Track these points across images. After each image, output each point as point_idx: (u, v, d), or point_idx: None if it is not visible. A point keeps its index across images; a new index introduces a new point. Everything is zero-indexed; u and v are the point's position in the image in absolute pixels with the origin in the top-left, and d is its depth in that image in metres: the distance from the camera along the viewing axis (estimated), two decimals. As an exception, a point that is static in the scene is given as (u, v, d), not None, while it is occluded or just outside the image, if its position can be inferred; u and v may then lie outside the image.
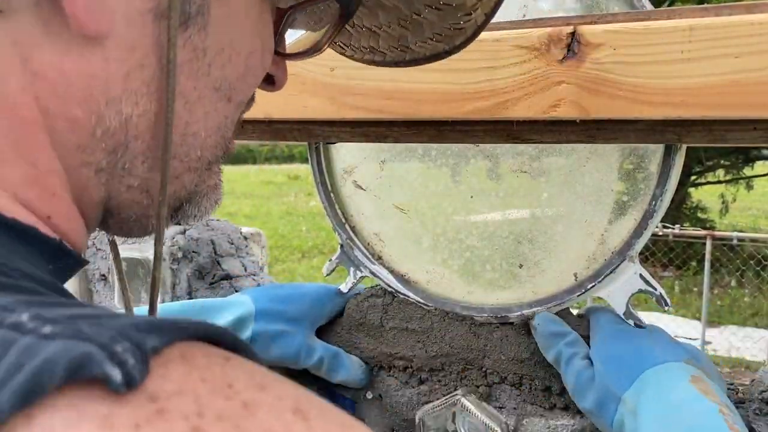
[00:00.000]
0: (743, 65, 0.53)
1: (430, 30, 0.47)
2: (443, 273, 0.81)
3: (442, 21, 0.46)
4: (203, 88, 0.34)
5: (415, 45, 0.49)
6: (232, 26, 0.35)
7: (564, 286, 0.74)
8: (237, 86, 0.36)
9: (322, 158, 0.84)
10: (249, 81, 0.38)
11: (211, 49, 0.34)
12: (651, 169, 0.69)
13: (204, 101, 0.35)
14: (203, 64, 0.34)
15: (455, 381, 0.79)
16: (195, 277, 0.96)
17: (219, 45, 0.34)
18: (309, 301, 0.81)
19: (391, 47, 0.50)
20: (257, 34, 0.37)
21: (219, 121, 0.36)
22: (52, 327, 0.22)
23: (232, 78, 0.36)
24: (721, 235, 5.08)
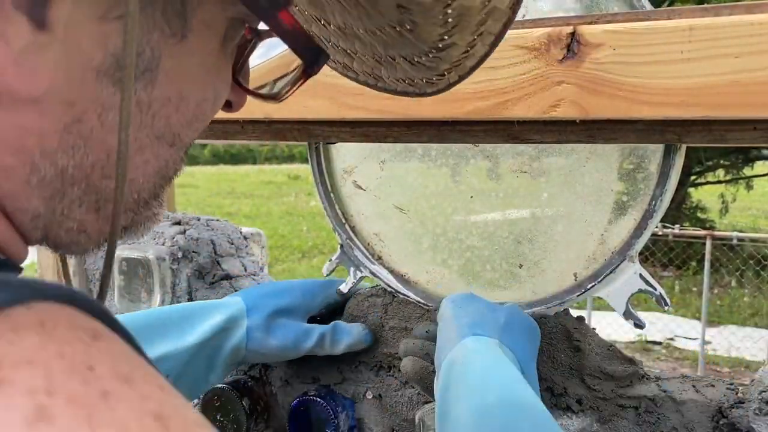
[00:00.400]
0: (743, 65, 0.53)
1: (403, 74, 0.47)
2: (443, 273, 0.81)
3: (415, 72, 0.46)
4: (144, 138, 0.35)
5: (388, 78, 0.49)
6: (182, 78, 0.35)
7: (564, 286, 0.74)
8: (182, 132, 0.37)
9: (322, 158, 0.84)
10: (196, 126, 0.38)
11: (156, 101, 0.34)
12: (651, 169, 0.69)
13: (144, 150, 0.35)
14: (146, 117, 0.34)
15: (455, 381, 0.79)
16: (195, 277, 0.96)
17: (165, 96, 0.34)
18: (299, 292, 0.81)
19: (364, 72, 0.51)
20: (210, 83, 0.37)
21: (159, 166, 0.37)
22: None
23: (177, 126, 0.36)
24: (721, 235, 5.08)
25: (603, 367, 0.71)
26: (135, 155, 0.35)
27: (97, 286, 1.05)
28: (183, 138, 0.37)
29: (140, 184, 0.36)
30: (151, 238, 0.98)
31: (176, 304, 0.78)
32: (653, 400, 0.69)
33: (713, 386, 0.69)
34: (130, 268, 0.97)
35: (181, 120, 0.36)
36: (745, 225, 10.35)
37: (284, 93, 0.43)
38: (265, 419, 0.89)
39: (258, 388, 0.90)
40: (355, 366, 0.86)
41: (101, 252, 0.37)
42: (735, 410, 0.65)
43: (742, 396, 0.67)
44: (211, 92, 0.38)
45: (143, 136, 0.34)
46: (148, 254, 0.95)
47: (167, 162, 0.37)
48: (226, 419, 0.86)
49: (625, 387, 0.71)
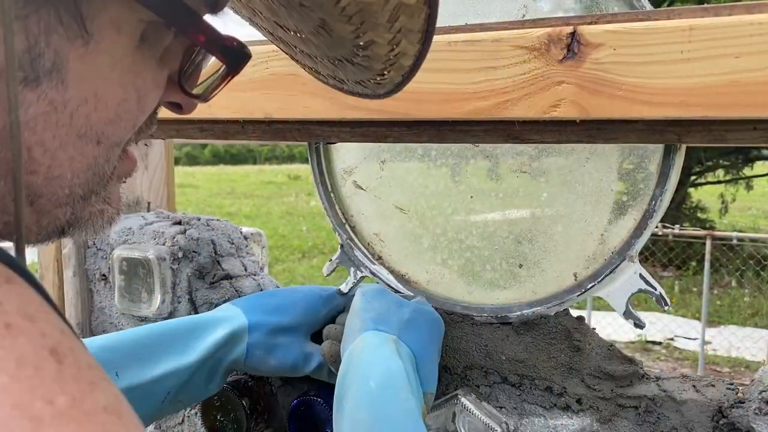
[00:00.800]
0: (743, 65, 0.53)
1: (352, 75, 0.49)
2: (443, 273, 0.81)
3: (359, 73, 0.47)
4: (64, 136, 0.36)
5: (348, 82, 0.51)
6: (95, 78, 0.36)
7: (564, 286, 0.74)
8: (107, 131, 0.38)
9: (322, 158, 0.84)
10: (122, 125, 0.39)
11: (72, 101, 0.35)
12: (651, 169, 0.69)
13: (67, 147, 0.36)
14: (63, 115, 0.35)
15: (455, 381, 0.79)
16: (195, 276, 0.96)
17: (81, 96, 0.35)
18: (302, 309, 0.81)
19: (329, 76, 0.52)
20: (129, 83, 0.38)
21: (87, 163, 0.38)
22: None
23: (99, 125, 0.37)
24: (720, 235, 5.08)
25: (603, 367, 0.71)
26: (58, 152, 0.36)
27: (98, 285, 1.05)
28: (110, 136, 0.38)
29: (69, 179, 0.37)
30: (152, 238, 0.98)
31: (179, 318, 0.78)
32: (653, 400, 0.69)
33: (713, 386, 0.69)
34: (130, 267, 0.97)
35: (102, 119, 0.37)
36: (745, 225, 10.35)
37: (210, 93, 0.45)
38: (265, 419, 0.89)
39: (258, 388, 0.90)
40: (355, 366, 0.86)
41: (102, 252, 0.37)
42: (735, 410, 0.65)
43: (742, 396, 0.67)
44: (132, 92, 0.38)
45: (63, 134, 0.35)
46: (148, 254, 0.95)
47: (96, 159, 0.38)
48: (226, 419, 0.86)
49: (625, 387, 0.71)
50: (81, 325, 1.06)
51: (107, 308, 1.04)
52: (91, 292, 1.06)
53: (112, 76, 0.37)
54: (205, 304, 0.94)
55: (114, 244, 1.01)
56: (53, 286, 1.07)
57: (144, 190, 1.14)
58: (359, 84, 0.50)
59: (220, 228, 1.02)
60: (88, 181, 0.38)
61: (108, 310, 1.04)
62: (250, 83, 0.75)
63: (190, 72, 0.43)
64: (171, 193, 1.19)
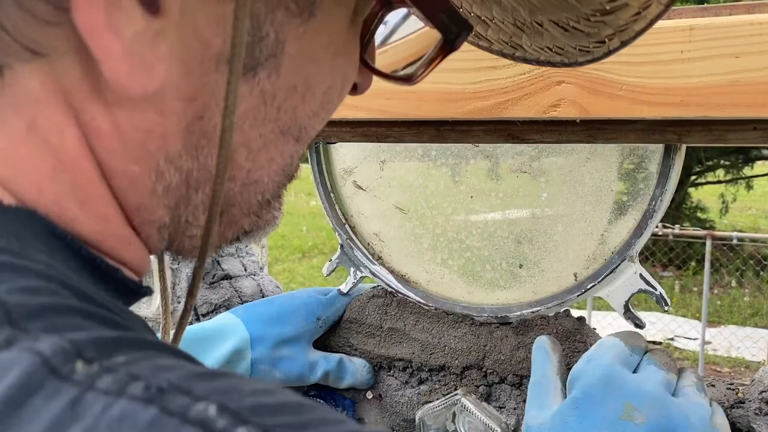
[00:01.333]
0: (743, 65, 0.53)
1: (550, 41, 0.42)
2: (443, 273, 0.81)
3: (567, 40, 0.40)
4: (269, 134, 0.31)
5: (530, 47, 0.44)
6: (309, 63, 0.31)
7: (564, 286, 0.74)
8: (308, 124, 0.33)
9: (322, 158, 0.84)
10: (322, 116, 0.34)
11: (281, 91, 0.30)
12: (651, 169, 0.69)
13: (269, 147, 0.32)
14: (271, 109, 0.30)
15: (455, 381, 0.79)
16: (195, 277, 0.96)
17: (291, 85, 0.31)
18: (303, 317, 0.80)
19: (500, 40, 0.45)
20: (339, 67, 0.33)
21: (284, 164, 0.33)
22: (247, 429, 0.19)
23: (303, 118, 0.32)
24: (721, 235, 5.08)
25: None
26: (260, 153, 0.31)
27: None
28: (309, 131, 0.34)
29: (265, 184, 0.33)
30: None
31: None
32: (653, 400, 0.69)
33: (713, 386, 0.69)
34: (130, 268, 0.97)
35: (307, 111, 0.32)
36: (745, 225, 10.35)
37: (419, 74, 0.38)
38: (265, 419, 0.89)
39: (258, 388, 0.90)
40: (355, 366, 0.86)
41: None
42: (735, 410, 0.65)
43: (742, 396, 0.67)
44: (339, 77, 0.34)
45: (268, 132, 0.31)
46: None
47: (292, 158, 0.34)
48: (226, 419, 0.86)
49: (625, 387, 0.71)
50: (81, 325, 1.06)
51: (107, 308, 1.04)
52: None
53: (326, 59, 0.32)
54: (204, 304, 0.94)
55: (114, 244, 1.01)
56: (53, 286, 1.07)
57: (144, 190, 1.14)
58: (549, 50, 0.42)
59: (220, 228, 1.02)
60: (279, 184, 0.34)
61: (108, 310, 1.04)
62: (250, 83, 0.75)
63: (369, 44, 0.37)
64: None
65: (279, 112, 0.31)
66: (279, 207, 0.37)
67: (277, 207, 0.36)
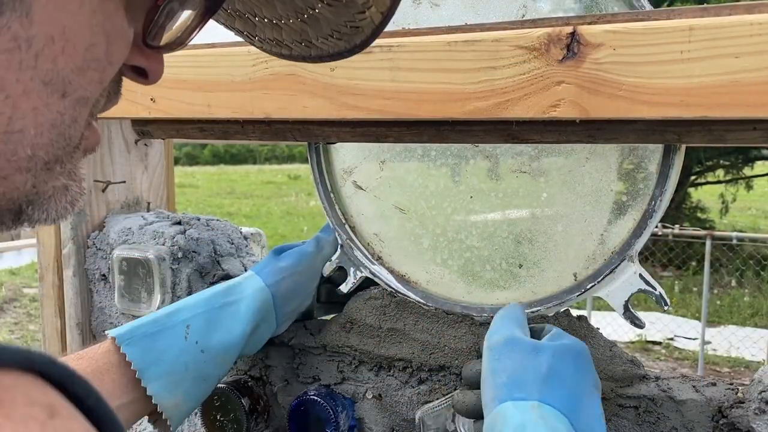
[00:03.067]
0: (743, 65, 0.53)
1: (327, 26, 0.46)
2: (443, 273, 0.81)
3: (336, 17, 0.45)
4: (28, 81, 0.31)
5: (317, 41, 0.49)
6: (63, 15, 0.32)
7: (564, 286, 0.75)
8: (74, 80, 0.33)
9: (322, 158, 0.84)
10: (90, 76, 0.34)
11: (37, 39, 0.31)
12: (650, 169, 0.69)
13: (30, 95, 0.32)
14: (27, 55, 0.31)
15: (455, 381, 0.79)
16: (195, 277, 0.96)
17: (47, 35, 0.31)
18: None
19: (294, 41, 0.50)
20: (99, 25, 0.34)
21: (52, 118, 0.33)
22: None
23: (66, 71, 0.33)
24: (720, 235, 5.08)
25: (603, 367, 0.71)
26: (21, 100, 0.31)
27: (98, 286, 1.05)
28: (76, 87, 0.34)
29: (32, 136, 0.32)
30: (152, 238, 0.98)
31: None
32: (653, 400, 0.69)
33: (713, 386, 0.69)
34: (130, 268, 0.97)
35: (69, 64, 0.33)
36: (745, 225, 10.35)
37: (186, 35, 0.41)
38: (265, 419, 0.89)
39: (258, 388, 0.90)
40: (355, 366, 0.86)
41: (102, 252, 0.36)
42: (735, 410, 0.65)
43: (742, 396, 0.67)
44: (102, 37, 0.34)
45: (27, 78, 0.31)
46: (148, 254, 0.95)
47: (61, 115, 0.34)
48: (226, 419, 0.86)
49: (625, 387, 0.71)
50: (81, 325, 1.06)
51: (107, 308, 1.04)
52: (91, 292, 1.06)
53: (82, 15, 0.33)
54: (205, 304, 0.94)
55: (114, 244, 1.01)
56: (53, 286, 1.07)
57: (144, 190, 1.14)
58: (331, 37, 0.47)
59: (220, 228, 1.02)
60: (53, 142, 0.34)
61: (108, 310, 1.04)
62: (250, 83, 0.75)
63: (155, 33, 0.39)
64: (171, 193, 1.19)
65: (37, 59, 0.31)
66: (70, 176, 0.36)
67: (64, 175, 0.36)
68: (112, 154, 1.07)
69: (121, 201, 1.10)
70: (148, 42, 0.39)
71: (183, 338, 0.72)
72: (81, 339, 1.06)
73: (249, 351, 0.81)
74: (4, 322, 5.82)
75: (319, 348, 0.87)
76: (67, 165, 0.35)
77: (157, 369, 0.70)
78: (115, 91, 0.39)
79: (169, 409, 0.70)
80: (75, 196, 0.37)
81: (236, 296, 0.78)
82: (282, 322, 0.82)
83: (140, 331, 0.72)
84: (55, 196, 0.35)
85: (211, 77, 0.77)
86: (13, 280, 6.95)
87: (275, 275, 0.80)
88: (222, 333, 0.75)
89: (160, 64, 0.42)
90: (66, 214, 0.37)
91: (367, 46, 0.49)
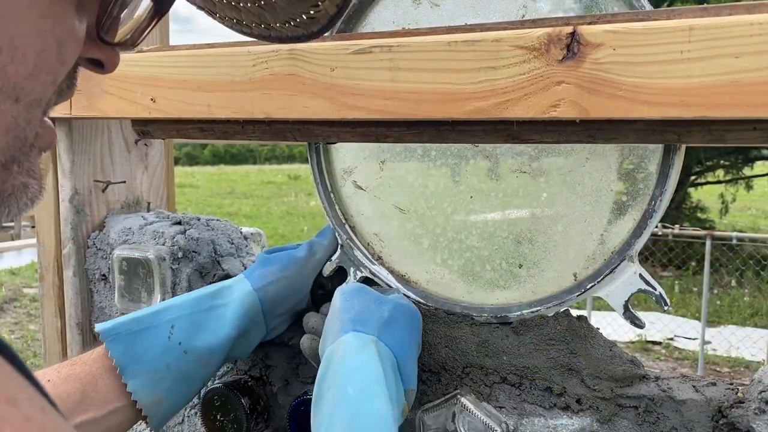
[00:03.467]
0: (743, 65, 0.53)
1: (284, 14, 0.47)
2: (443, 273, 0.81)
3: (292, 7, 0.46)
4: None
5: (276, 25, 0.50)
6: (10, 25, 0.32)
7: (563, 286, 0.74)
8: (26, 86, 0.34)
9: (322, 158, 0.84)
10: (42, 79, 0.35)
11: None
12: (650, 169, 0.69)
13: None
14: None
15: (455, 381, 0.79)
16: (195, 277, 0.96)
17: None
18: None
19: (254, 23, 0.51)
20: (48, 30, 0.34)
21: (6, 123, 0.34)
22: None
23: (17, 78, 0.33)
24: (720, 235, 5.08)
25: (603, 367, 0.71)
26: None
27: (98, 285, 1.05)
28: (29, 92, 0.34)
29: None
30: (152, 238, 0.98)
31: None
32: (653, 400, 0.69)
33: (713, 386, 0.69)
34: (130, 268, 0.97)
35: (20, 71, 0.33)
36: (745, 225, 10.36)
37: (137, 36, 0.42)
38: (265, 419, 0.89)
39: (258, 388, 0.90)
40: (355, 366, 0.86)
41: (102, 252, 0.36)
42: (735, 410, 0.65)
43: (742, 396, 0.67)
44: (51, 41, 0.35)
45: None
46: (148, 254, 0.95)
47: (16, 120, 0.34)
48: (226, 419, 0.86)
49: (625, 387, 0.71)
50: (81, 325, 1.06)
51: (107, 308, 1.04)
52: (91, 292, 1.06)
53: (29, 22, 0.33)
54: (205, 304, 0.94)
55: (114, 244, 1.01)
56: (53, 286, 1.07)
57: (144, 190, 1.14)
58: (289, 24, 0.49)
59: (220, 228, 1.02)
60: (9, 146, 0.35)
61: (108, 310, 1.04)
62: (250, 83, 0.75)
63: (108, 24, 0.39)
64: (171, 193, 1.19)
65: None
66: (27, 174, 0.37)
67: (23, 174, 0.37)
68: (112, 154, 1.07)
69: (121, 201, 1.10)
70: (102, 36, 0.39)
71: (166, 338, 0.73)
72: (81, 339, 1.06)
73: (239, 354, 0.80)
74: (4, 322, 5.82)
75: (319, 348, 0.87)
76: (24, 164, 0.36)
77: (138, 367, 0.70)
78: (69, 85, 0.40)
79: (148, 407, 0.71)
80: (35, 193, 0.38)
81: (224, 299, 0.78)
82: (274, 325, 0.82)
83: (124, 329, 0.72)
84: (15, 193, 0.36)
85: (211, 77, 0.77)
86: (13, 280, 6.95)
87: (263, 279, 0.80)
88: (207, 335, 0.75)
89: (115, 56, 0.42)
90: (28, 207, 0.38)
91: (324, 33, 0.50)
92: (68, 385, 0.67)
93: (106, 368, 0.70)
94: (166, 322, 0.74)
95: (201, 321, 0.75)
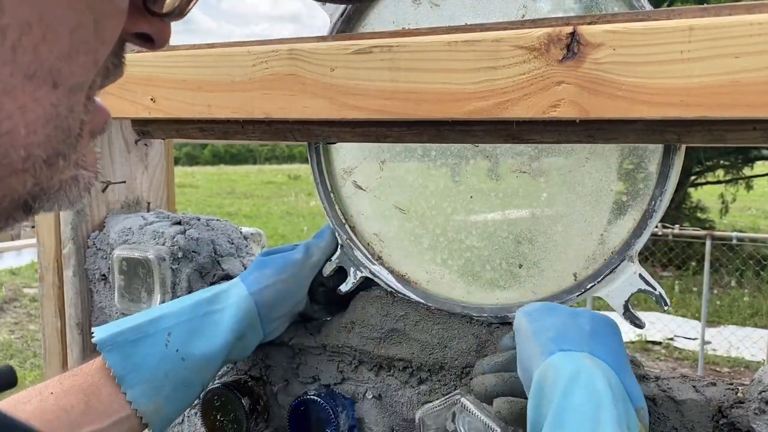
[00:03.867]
0: (743, 65, 0.53)
1: None
2: (443, 273, 0.81)
3: None
4: (8, 78, 0.28)
5: None
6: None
7: (563, 286, 0.75)
8: (63, 68, 0.30)
9: (322, 158, 0.84)
10: (81, 60, 0.31)
11: (11, 29, 0.28)
12: (650, 169, 0.69)
13: (14, 93, 0.29)
14: (3, 49, 0.28)
15: (455, 381, 0.79)
16: (195, 277, 0.96)
17: (23, 22, 0.28)
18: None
19: None
20: (82, 3, 0.30)
21: (45, 113, 0.30)
22: None
23: (51, 60, 0.29)
24: (720, 235, 5.08)
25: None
26: (3, 99, 0.28)
27: (98, 286, 1.05)
28: (66, 74, 0.30)
29: (23, 136, 0.30)
30: (152, 238, 0.98)
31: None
32: (653, 400, 0.69)
33: (713, 386, 0.69)
34: (130, 268, 0.97)
35: (54, 52, 0.29)
36: (745, 225, 10.36)
37: (186, 5, 0.37)
38: (265, 419, 0.89)
39: (258, 388, 0.90)
40: (355, 366, 0.86)
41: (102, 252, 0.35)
42: (735, 410, 0.65)
43: (742, 396, 0.67)
44: (88, 16, 0.31)
45: (6, 75, 0.28)
46: (148, 254, 0.95)
47: (56, 108, 0.31)
48: (226, 419, 0.86)
49: (625, 387, 0.71)
50: (81, 325, 1.06)
51: (107, 308, 1.04)
52: (91, 292, 1.06)
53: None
54: (205, 304, 0.94)
55: (114, 244, 1.01)
56: (53, 286, 1.07)
57: (144, 190, 1.14)
58: None
59: (220, 228, 1.02)
60: (50, 138, 0.31)
61: (108, 310, 1.04)
62: (250, 83, 0.75)
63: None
64: (171, 193, 1.19)
65: (15, 53, 0.28)
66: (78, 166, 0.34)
67: (71, 167, 0.33)
68: (112, 154, 1.07)
69: (121, 201, 1.10)
70: (149, 6, 0.35)
71: (164, 346, 0.72)
72: (81, 339, 1.06)
73: (237, 357, 0.80)
74: (4, 322, 5.82)
75: (319, 348, 0.87)
76: (71, 156, 0.33)
77: (136, 375, 0.70)
78: (116, 64, 0.35)
79: (149, 415, 0.70)
80: (89, 181, 0.35)
81: (220, 305, 0.77)
82: (271, 329, 0.82)
83: (122, 338, 0.72)
84: (64, 188, 0.33)
85: (211, 77, 0.77)
86: (13, 280, 6.95)
87: (258, 283, 0.79)
88: (204, 342, 0.75)
89: (166, 28, 0.38)
90: (82, 198, 0.35)
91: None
92: (72, 397, 0.67)
93: (107, 378, 0.70)
94: (162, 330, 0.73)
95: (197, 327, 0.75)
